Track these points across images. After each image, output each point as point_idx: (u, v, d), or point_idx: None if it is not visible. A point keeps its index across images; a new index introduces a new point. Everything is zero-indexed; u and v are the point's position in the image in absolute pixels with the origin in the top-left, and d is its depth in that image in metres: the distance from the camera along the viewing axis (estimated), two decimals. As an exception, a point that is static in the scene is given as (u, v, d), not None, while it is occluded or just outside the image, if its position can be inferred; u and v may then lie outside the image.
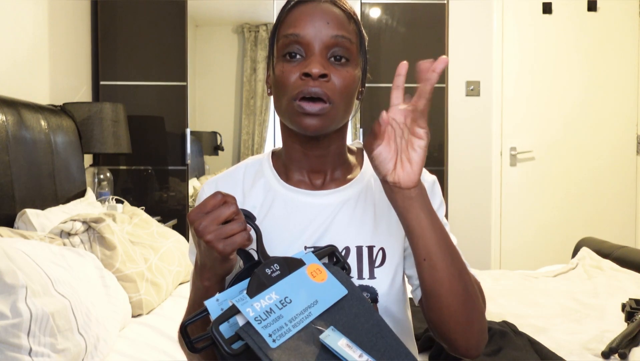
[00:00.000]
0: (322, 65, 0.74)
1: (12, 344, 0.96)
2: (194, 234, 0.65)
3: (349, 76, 0.76)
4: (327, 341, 0.59)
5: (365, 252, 0.79)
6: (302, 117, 0.74)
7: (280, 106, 0.77)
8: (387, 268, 0.79)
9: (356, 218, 0.81)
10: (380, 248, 0.80)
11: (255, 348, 0.56)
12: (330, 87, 0.74)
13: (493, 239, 3.20)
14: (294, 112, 0.75)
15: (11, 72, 1.98)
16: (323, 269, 0.67)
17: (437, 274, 0.70)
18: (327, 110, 0.74)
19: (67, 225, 1.46)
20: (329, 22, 0.75)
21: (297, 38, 0.75)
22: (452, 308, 0.70)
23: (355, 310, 0.65)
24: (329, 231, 0.80)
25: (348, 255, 0.79)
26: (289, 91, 0.74)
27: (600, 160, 3.25)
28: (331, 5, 0.77)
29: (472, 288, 0.72)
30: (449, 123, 3.10)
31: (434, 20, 2.98)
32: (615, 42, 3.23)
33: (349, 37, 0.76)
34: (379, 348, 0.62)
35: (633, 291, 1.79)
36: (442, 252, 0.70)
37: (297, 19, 0.76)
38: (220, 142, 3.03)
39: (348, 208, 0.82)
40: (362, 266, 0.78)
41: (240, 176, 0.87)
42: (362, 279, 0.78)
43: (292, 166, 0.84)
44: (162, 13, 2.82)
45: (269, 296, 0.61)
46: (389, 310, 0.79)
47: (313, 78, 0.73)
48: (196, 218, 0.64)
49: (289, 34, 0.75)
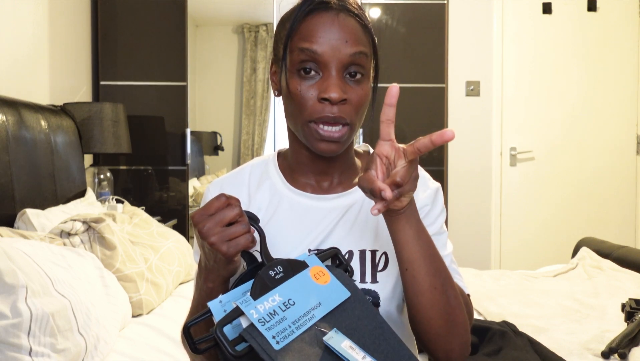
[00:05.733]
0: (341, 89, 0.72)
1: (12, 344, 0.96)
2: (198, 236, 0.65)
3: (363, 93, 0.75)
4: (331, 343, 0.59)
5: (368, 256, 0.79)
6: (319, 142, 0.74)
7: (295, 123, 0.76)
8: (389, 272, 0.79)
9: (360, 222, 0.81)
10: (383, 252, 0.80)
11: (259, 349, 0.56)
12: (348, 109, 0.73)
13: (493, 239, 3.20)
14: (311, 134, 0.74)
15: (11, 72, 1.98)
16: (326, 271, 0.67)
17: (418, 285, 0.70)
18: (346, 133, 0.74)
19: (67, 225, 1.46)
20: (348, 40, 0.72)
21: (314, 55, 0.72)
22: (432, 320, 0.70)
23: (358, 312, 0.65)
24: (333, 234, 0.80)
25: (351, 259, 0.79)
26: (306, 113, 0.73)
27: (600, 160, 3.25)
28: (348, 14, 0.74)
29: (456, 301, 0.72)
30: (449, 123, 3.10)
31: (434, 20, 2.98)
32: (615, 42, 3.22)
33: (365, 52, 0.74)
34: (382, 350, 0.62)
35: (633, 291, 1.79)
36: (425, 264, 0.69)
37: (314, 31, 0.73)
38: (220, 142, 3.03)
39: (353, 212, 0.81)
40: (364, 269, 0.78)
41: (245, 178, 0.86)
42: (365, 283, 0.78)
43: (298, 169, 0.84)
44: (162, 13, 2.82)
45: (273, 298, 0.61)
46: (391, 314, 0.79)
47: (332, 103, 0.72)
48: (200, 220, 0.64)
49: (305, 49, 0.72)
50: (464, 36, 3.13)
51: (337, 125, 0.73)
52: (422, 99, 2.99)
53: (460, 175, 3.15)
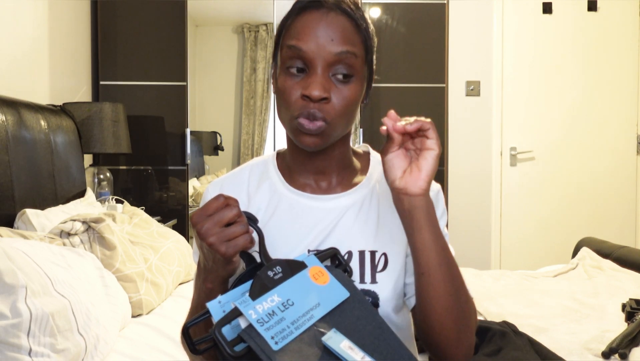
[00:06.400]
0: (322, 87, 0.72)
1: (12, 344, 0.96)
2: (197, 237, 0.66)
3: (350, 94, 0.74)
4: (330, 343, 0.59)
5: (368, 257, 0.79)
6: (301, 135, 0.74)
7: (283, 120, 0.78)
8: (389, 273, 0.79)
9: (360, 222, 0.81)
10: (382, 253, 0.79)
11: (257, 350, 0.56)
12: (329, 108, 0.73)
13: (493, 239, 3.20)
14: (294, 129, 0.75)
15: (11, 72, 1.98)
16: (325, 271, 0.67)
17: (435, 290, 0.70)
18: (324, 129, 0.74)
19: (67, 225, 1.46)
20: (334, 39, 0.72)
21: (300, 53, 0.73)
22: (444, 324, 0.70)
23: (357, 313, 0.64)
24: (332, 234, 0.80)
25: (350, 259, 0.79)
26: (290, 109, 0.74)
27: (600, 160, 3.25)
28: (339, 13, 0.74)
29: (468, 307, 0.72)
30: (449, 123, 3.10)
31: (434, 20, 2.98)
32: (615, 42, 3.22)
33: (353, 52, 0.74)
34: (381, 350, 0.62)
35: (633, 291, 1.78)
36: (442, 269, 0.69)
37: (301, 29, 0.73)
38: (220, 142, 3.03)
39: (352, 212, 0.81)
40: (364, 270, 0.78)
41: (245, 178, 0.87)
42: (364, 283, 0.78)
43: (297, 169, 0.84)
44: (162, 13, 2.82)
45: (272, 299, 0.61)
46: (390, 314, 0.79)
47: (313, 100, 0.72)
48: (199, 221, 0.64)
49: (292, 46, 0.73)
50: (464, 36, 3.13)
51: (316, 122, 0.73)
52: (422, 99, 2.99)
53: (460, 175, 3.15)
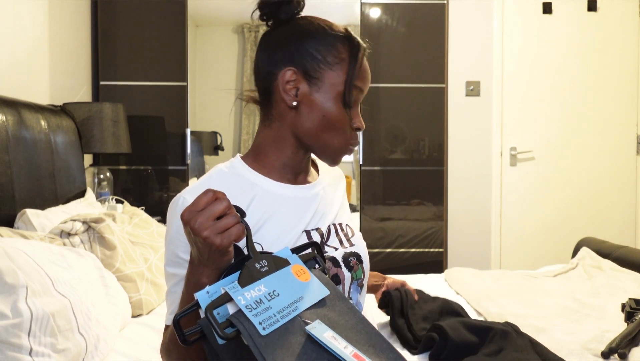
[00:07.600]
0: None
1: (12, 344, 0.96)
2: (189, 233, 0.67)
3: None
4: (313, 332, 0.61)
5: (339, 228, 0.95)
6: (342, 157, 0.92)
7: (332, 142, 0.88)
8: (357, 238, 0.97)
9: (327, 203, 0.96)
10: (346, 224, 0.98)
11: (245, 334, 0.58)
12: None
13: (493, 239, 3.20)
14: (343, 151, 0.91)
15: (11, 72, 1.98)
16: (306, 270, 0.71)
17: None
18: None
19: (67, 225, 1.46)
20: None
21: (360, 95, 0.91)
22: None
23: (339, 308, 0.68)
24: (317, 215, 0.93)
25: (330, 233, 0.93)
26: (345, 137, 0.89)
27: (600, 160, 3.25)
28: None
29: None
30: (449, 123, 3.10)
31: (434, 20, 2.98)
32: (615, 42, 3.23)
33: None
34: (363, 342, 0.65)
35: (633, 291, 1.79)
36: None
37: (365, 74, 0.90)
38: (220, 142, 3.03)
39: (320, 196, 0.95)
40: (341, 238, 0.94)
41: (216, 183, 0.87)
42: (346, 248, 0.92)
43: (279, 168, 0.91)
44: (162, 13, 2.82)
45: (259, 288, 0.64)
46: (367, 273, 0.97)
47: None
48: (190, 217, 0.65)
49: (357, 86, 0.89)
50: (464, 36, 3.13)
51: None
52: (422, 99, 2.99)
53: (460, 175, 3.15)
